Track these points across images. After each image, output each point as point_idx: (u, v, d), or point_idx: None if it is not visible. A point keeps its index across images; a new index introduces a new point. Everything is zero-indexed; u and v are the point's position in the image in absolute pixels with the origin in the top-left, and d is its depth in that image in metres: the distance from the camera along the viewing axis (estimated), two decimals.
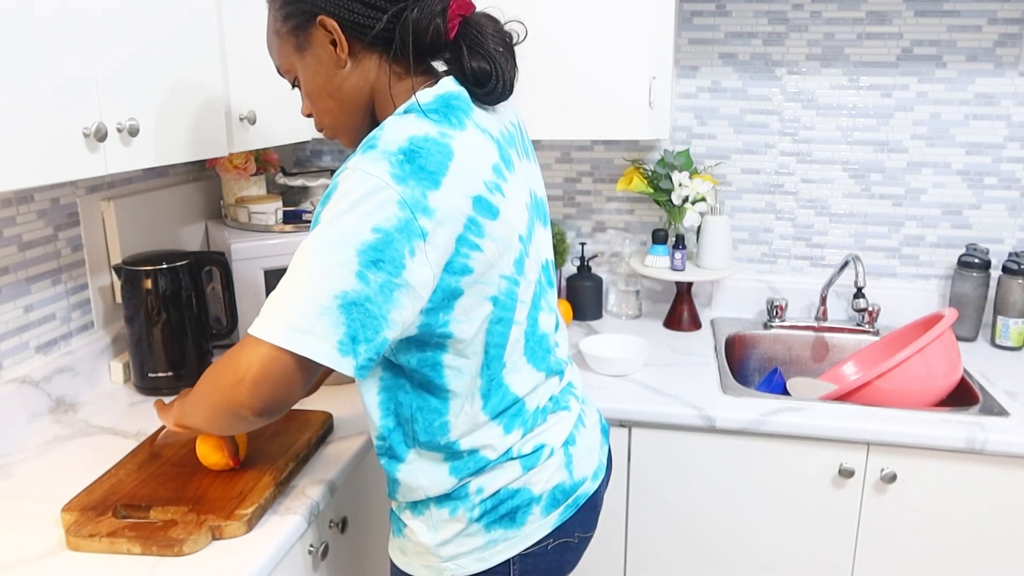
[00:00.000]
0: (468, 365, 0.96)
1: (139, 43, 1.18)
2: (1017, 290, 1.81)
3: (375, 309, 0.84)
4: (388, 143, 0.86)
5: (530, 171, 1.05)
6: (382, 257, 0.83)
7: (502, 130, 1.00)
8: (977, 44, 1.84)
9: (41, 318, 1.44)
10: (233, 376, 0.85)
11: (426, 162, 0.85)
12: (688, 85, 1.99)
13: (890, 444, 1.47)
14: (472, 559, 1.01)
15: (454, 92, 0.94)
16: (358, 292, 0.83)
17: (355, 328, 0.83)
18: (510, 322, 0.97)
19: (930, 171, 1.93)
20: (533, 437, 1.03)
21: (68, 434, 1.37)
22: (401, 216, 0.83)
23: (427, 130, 0.88)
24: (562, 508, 1.04)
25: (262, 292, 1.73)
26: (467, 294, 0.91)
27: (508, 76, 0.96)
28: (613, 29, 1.62)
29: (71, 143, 1.06)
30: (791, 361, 1.98)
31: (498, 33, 0.95)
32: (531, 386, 1.03)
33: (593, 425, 1.14)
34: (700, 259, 1.93)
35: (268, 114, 1.56)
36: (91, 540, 1.01)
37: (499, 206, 0.92)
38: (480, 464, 1.00)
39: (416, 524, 1.03)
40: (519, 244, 0.96)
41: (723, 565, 1.62)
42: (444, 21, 0.93)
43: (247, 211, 1.81)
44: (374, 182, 0.83)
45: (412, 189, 0.84)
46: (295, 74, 1.00)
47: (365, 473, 1.38)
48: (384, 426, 1.00)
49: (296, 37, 0.96)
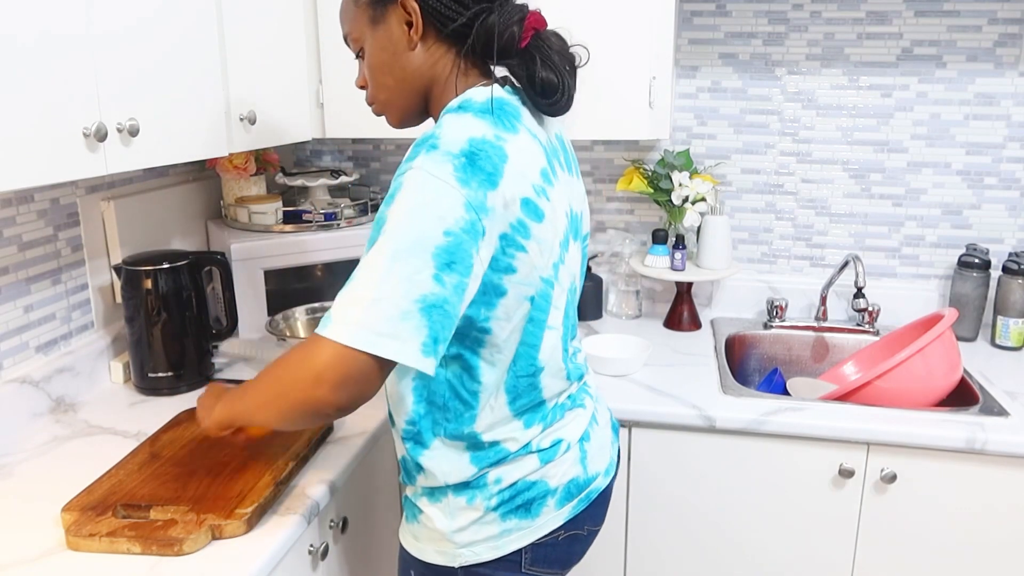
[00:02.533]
0: (501, 360, 0.99)
1: (139, 44, 1.18)
2: (1017, 290, 1.81)
3: (451, 309, 0.87)
4: (450, 144, 0.88)
5: (573, 185, 1.09)
6: (455, 259, 0.86)
7: (549, 139, 1.04)
8: (977, 44, 1.84)
9: (41, 318, 1.45)
10: (312, 377, 0.86)
11: (485, 164, 0.88)
12: (688, 85, 1.99)
13: (890, 444, 1.47)
14: (486, 547, 1.04)
15: (506, 97, 0.98)
16: (437, 295, 0.85)
17: (436, 329, 0.86)
18: (542, 323, 1.01)
19: (930, 171, 1.93)
20: (552, 432, 1.06)
21: (68, 434, 1.37)
22: (468, 218, 0.86)
23: (484, 132, 0.91)
24: (575, 501, 1.08)
25: (262, 292, 1.73)
26: (510, 294, 0.95)
27: (571, 91, 1.00)
28: (613, 29, 1.62)
29: (71, 143, 1.06)
30: (791, 361, 1.98)
31: (564, 52, 1.00)
32: (558, 390, 1.07)
33: (605, 423, 1.18)
34: (700, 259, 1.93)
35: (268, 114, 1.56)
36: (91, 540, 1.01)
37: (544, 209, 0.95)
38: (501, 455, 1.03)
39: (433, 511, 1.05)
40: (559, 248, 1.00)
41: (723, 565, 1.62)
42: (520, 30, 0.97)
43: (247, 211, 1.82)
44: (440, 184, 0.85)
45: (475, 191, 0.87)
46: (362, 44, 1.03)
47: (365, 473, 1.39)
48: (416, 411, 1.03)
49: (374, 9, 1.00)
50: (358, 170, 2.20)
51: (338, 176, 2.01)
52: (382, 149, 2.20)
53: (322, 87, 1.75)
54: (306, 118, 1.72)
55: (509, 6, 0.98)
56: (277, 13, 1.57)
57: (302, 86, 1.69)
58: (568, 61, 1.00)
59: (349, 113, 1.76)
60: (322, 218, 1.83)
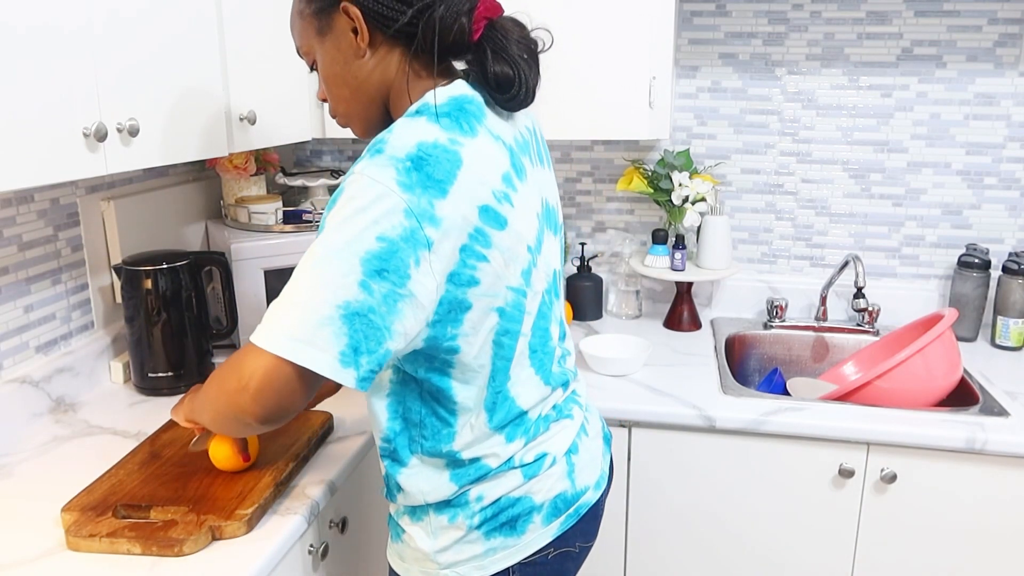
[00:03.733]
0: (476, 378, 0.95)
1: (139, 43, 1.18)
2: (1017, 290, 1.81)
3: (378, 320, 0.82)
4: (396, 148, 0.84)
5: (544, 178, 1.04)
6: (386, 267, 0.81)
7: (516, 136, 0.98)
8: (977, 44, 1.84)
9: (41, 318, 1.44)
10: (237, 383, 0.84)
11: (434, 170, 0.84)
12: (688, 85, 1.99)
13: (890, 444, 1.47)
14: (471, 567, 1.00)
15: (468, 96, 0.93)
16: (361, 302, 0.81)
17: (357, 339, 0.82)
18: (516, 334, 0.96)
19: (930, 171, 1.93)
20: (535, 446, 1.02)
21: (68, 434, 1.37)
22: (407, 225, 0.82)
23: (437, 136, 0.86)
24: (563, 517, 1.03)
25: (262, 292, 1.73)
26: (475, 307, 0.90)
27: (530, 83, 0.94)
28: (613, 29, 1.62)
29: (71, 143, 1.06)
30: (791, 361, 1.98)
31: (524, 40, 0.94)
32: (537, 399, 1.02)
33: (596, 434, 1.12)
34: (700, 259, 1.93)
35: (268, 114, 1.56)
36: (91, 540, 1.01)
37: (507, 216, 0.90)
38: (481, 472, 0.98)
39: (415, 530, 1.02)
40: (527, 254, 0.95)
41: (723, 565, 1.62)
42: (470, 22, 0.91)
43: (247, 211, 1.81)
44: (380, 189, 0.82)
45: (419, 198, 0.82)
46: (314, 57, 0.99)
47: (365, 473, 1.38)
48: (391, 428, 1.00)
49: (318, 20, 0.95)
50: None
51: (338, 176, 2.01)
52: None
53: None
54: (306, 118, 1.72)
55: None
56: (277, 13, 1.57)
57: (302, 86, 1.69)
58: (527, 50, 0.93)
59: None
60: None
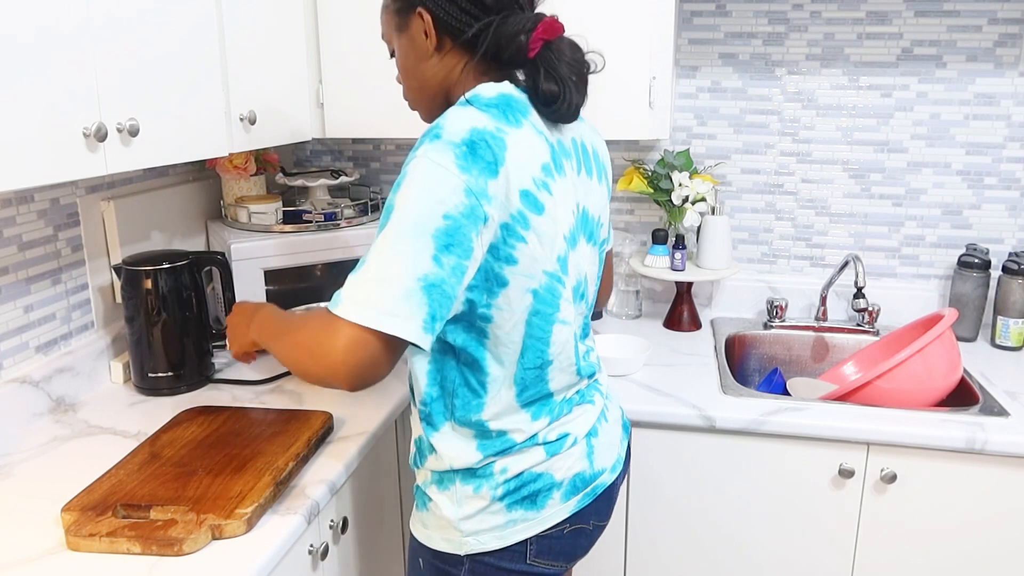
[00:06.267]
0: (507, 354, 1.02)
1: (139, 43, 1.18)
2: (1017, 290, 1.81)
3: (448, 289, 0.91)
4: (452, 134, 0.93)
5: (589, 188, 1.11)
6: (453, 241, 0.90)
7: (560, 140, 1.06)
8: (977, 44, 1.84)
9: (41, 318, 1.45)
10: (332, 356, 0.90)
11: (485, 153, 0.92)
12: (688, 85, 1.99)
13: (890, 444, 1.47)
14: (491, 536, 1.06)
15: (515, 95, 1.02)
16: (436, 274, 0.90)
17: (435, 308, 0.91)
18: (550, 317, 1.03)
19: (930, 171, 1.93)
20: (558, 426, 1.09)
21: (68, 434, 1.37)
22: (467, 203, 0.90)
23: (486, 123, 0.95)
24: (580, 495, 1.10)
25: (262, 292, 1.73)
26: (512, 285, 0.98)
27: (574, 102, 1.03)
28: (613, 29, 1.62)
29: (71, 143, 1.06)
30: (791, 361, 1.98)
31: (576, 62, 1.03)
32: (565, 384, 1.10)
33: (615, 421, 1.20)
34: (700, 259, 1.93)
35: (268, 114, 1.56)
36: (91, 540, 1.01)
37: (544, 202, 0.98)
38: (507, 445, 1.05)
39: (441, 499, 1.08)
40: (563, 243, 1.02)
41: (723, 565, 1.62)
42: (527, 41, 1.00)
43: (247, 211, 1.82)
44: (442, 172, 0.90)
45: (475, 178, 0.91)
46: (393, 47, 1.11)
47: (365, 473, 1.39)
48: (428, 394, 1.06)
49: (399, 17, 1.06)
50: (358, 170, 2.20)
51: (338, 176, 2.01)
52: (382, 149, 2.20)
53: (322, 87, 1.75)
54: (306, 118, 1.72)
55: (518, 17, 1.01)
56: (277, 13, 1.57)
57: (302, 86, 1.69)
58: (576, 72, 1.02)
59: (349, 113, 1.76)
60: (322, 218, 1.83)
